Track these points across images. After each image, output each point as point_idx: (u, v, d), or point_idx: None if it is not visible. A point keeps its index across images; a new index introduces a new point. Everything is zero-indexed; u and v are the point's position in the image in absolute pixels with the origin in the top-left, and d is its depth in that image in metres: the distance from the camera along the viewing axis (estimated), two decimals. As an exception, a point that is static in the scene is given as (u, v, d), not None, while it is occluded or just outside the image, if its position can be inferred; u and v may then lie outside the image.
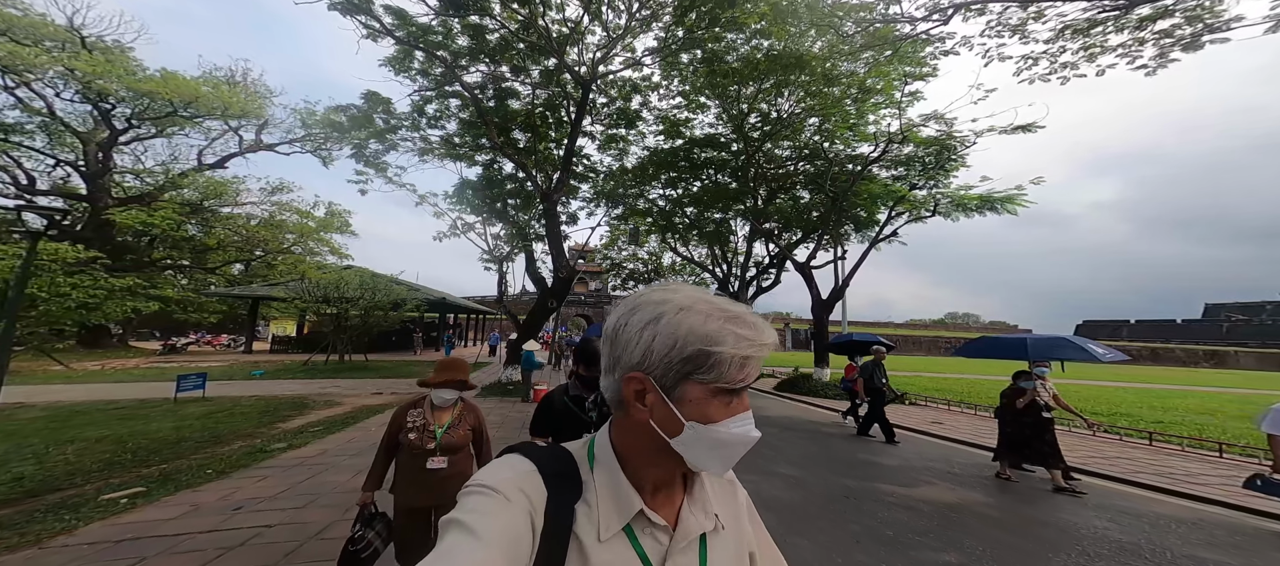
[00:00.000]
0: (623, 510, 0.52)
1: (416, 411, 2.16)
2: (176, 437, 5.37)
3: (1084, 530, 3.75)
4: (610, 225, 22.66)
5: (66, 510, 3.27)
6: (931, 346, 58.44)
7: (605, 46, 12.34)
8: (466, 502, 0.47)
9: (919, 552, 3.23)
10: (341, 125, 14.64)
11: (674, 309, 0.51)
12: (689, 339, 0.49)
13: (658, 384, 0.51)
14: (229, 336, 28.90)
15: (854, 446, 6.63)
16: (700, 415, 0.50)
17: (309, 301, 17.03)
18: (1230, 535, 3.72)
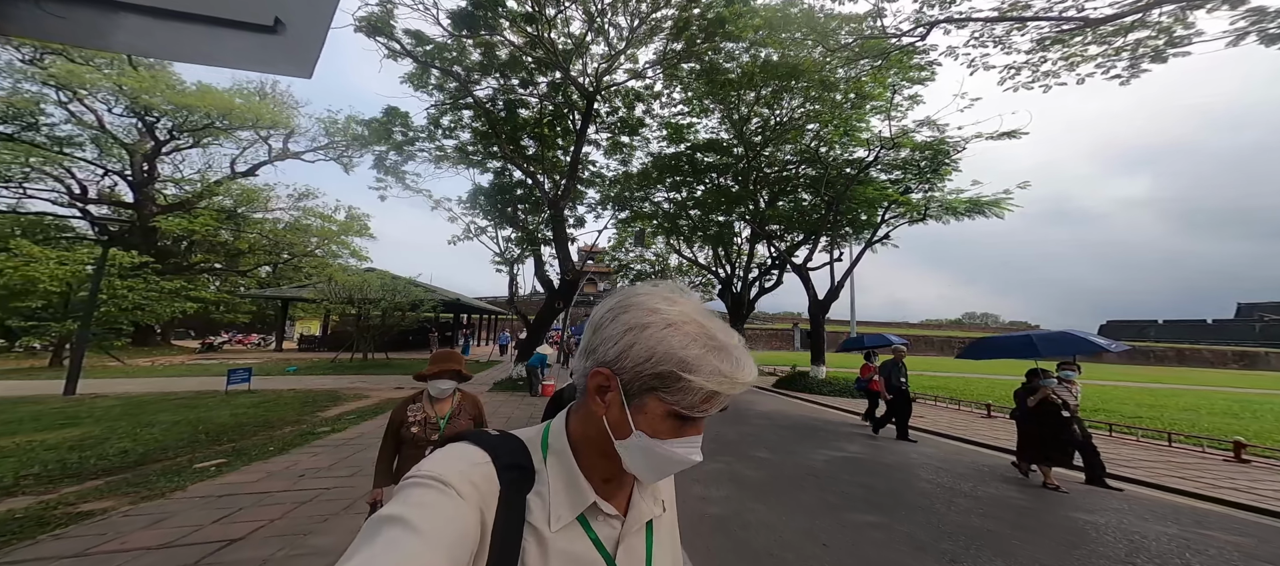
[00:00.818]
0: (575, 502, 0.51)
1: (416, 406, 2.18)
2: (236, 423, 6.24)
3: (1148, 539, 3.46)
4: (618, 227, 23.34)
5: (172, 474, 4.10)
6: (944, 346, 57.74)
7: (608, 59, 13.02)
8: (410, 494, 0.44)
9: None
10: (362, 137, 15.66)
11: (662, 323, 0.50)
12: (666, 357, 0.49)
13: (623, 387, 0.50)
14: (258, 336, 30.56)
15: (882, 449, 6.31)
16: (650, 429, 0.50)
17: (335, 302, 18.16)
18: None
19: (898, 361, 7.16)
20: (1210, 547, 3.40)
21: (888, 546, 3.21)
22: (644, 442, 0.50)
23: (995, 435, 7.38)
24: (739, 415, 8.83)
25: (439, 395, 2.16)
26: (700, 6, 11.39)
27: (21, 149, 19.02)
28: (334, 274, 19.65)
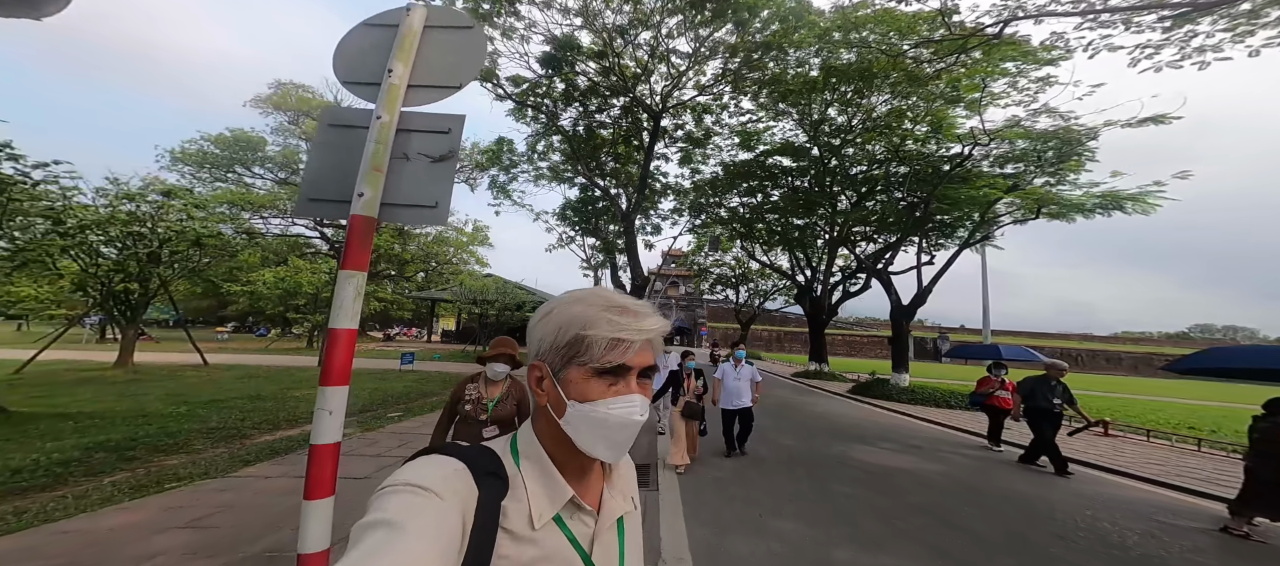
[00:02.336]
0: (555, 498, 0.53)
1: (474, 385, 2.39)
2: (406, 391, 9.03)
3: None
4: (695, 232, 23.78)
5: (378, 420, 6.50)
6: (1141, 365, 42.99)
7: (673, 80, 13.69)
8: (393, 501, 0.44)
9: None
10: (481, 163, 19.32)
11: (568, 302, 0.54)
12: (569, 325, 0.52)
13: (551, 370, 0.53)
14: (416, 329, 39.51)
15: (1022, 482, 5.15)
16: (580, 395, 0.52)
17: (464, 303, 22.79)
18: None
19: (1048, 380, 5.90)
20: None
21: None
22: (579, 410, 0.52)
23: (1185, 472, 5.81)
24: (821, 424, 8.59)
25: (495, 376, 2.34)
26: (751, 32, 11.29)
27: (289, 188, 28.25)
28: (464, 279, 24.55)
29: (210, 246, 10.66)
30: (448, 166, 2.04)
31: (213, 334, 31.08)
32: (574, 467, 0.56)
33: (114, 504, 3.17)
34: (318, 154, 2.10)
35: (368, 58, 2.18)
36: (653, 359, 0.55)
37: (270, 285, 17.90)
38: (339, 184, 1.94)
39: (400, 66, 2.06)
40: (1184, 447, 7.86)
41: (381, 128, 1.95)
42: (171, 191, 10.18)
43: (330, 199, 1.90)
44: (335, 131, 2.10)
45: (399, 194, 1.94)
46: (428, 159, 2.03)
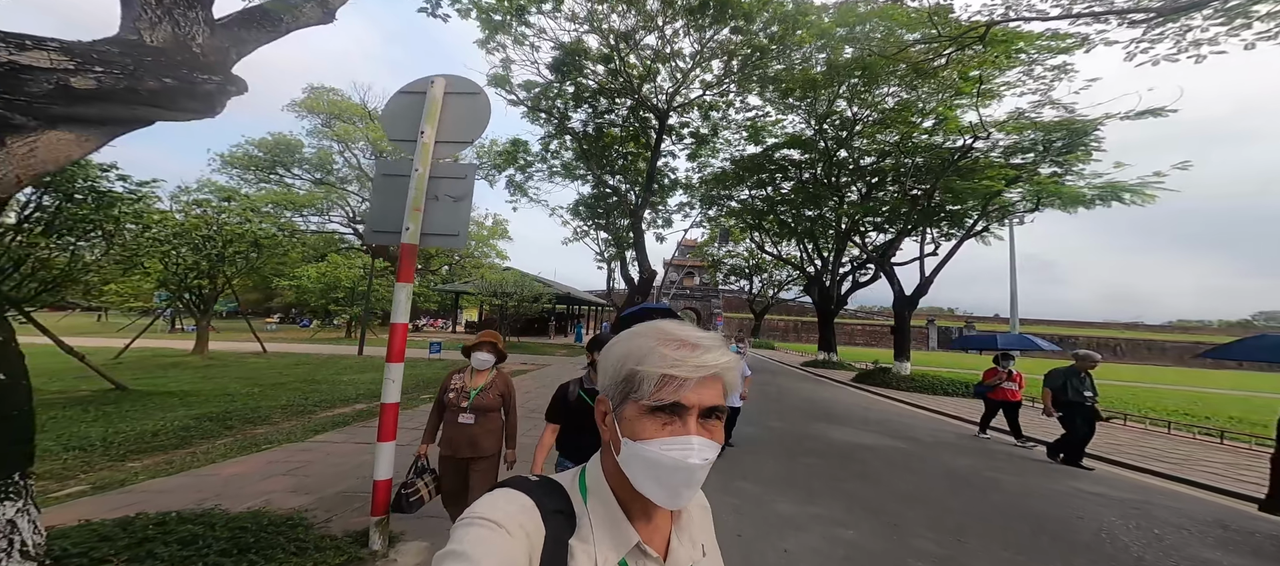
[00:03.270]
0: (619, 544, 0.52)
1: (460, 375, 2.48)
2: (434, 377, 10.09)
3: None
4: (708, 223, 24.15)
5: (412, 401, 7.45)
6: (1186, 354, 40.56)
7: (677, 81, 14.09)
8: (467, 533, 0.47)
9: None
10: (498, 163, 20.30)
11: (628, 337, 0.53)
12: (626, 359, 0.52)
13: (613, 406, 0.53)
14: (441, 320, 41.51)
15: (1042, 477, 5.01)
16: (633, 433, 0.51)
17: (485, 295, 24.10)
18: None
19: (1081, 371, 5.60)
20: None
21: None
22: (632, 449, 0.51)
23: (1212, 470, 5.50)
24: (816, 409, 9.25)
25: (480, 366, 2.46)
26: (752, 32, 11.57)
27: (325, 188, 30.19)
28: (485, 273, 25.88)
29: (267, 246, 12.04)
30: (465, 204, 2.82)
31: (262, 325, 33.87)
32: (639, 508, 0.54)
33: (229, 458, 4.17)
34: (377, 196, 2.91)
35: (406, 120, 2.96)
36: (719, 397, 0.51)
37: (314, 280, 19.62)
38: (392, 220, 2.74)
39: (429, 128, 2.83)
40: (1178, 436, 7.99)
41: (418, 178, 2.74)
42: (231, 196, 11.53)
43: (388, 230, 2.71)
44: (387, 180, 2.90)
45: (432, 226, 2.73)
46: (451, 199, 2.81)
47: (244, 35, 2.64)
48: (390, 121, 2.98)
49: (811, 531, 3.28)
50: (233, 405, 6.21)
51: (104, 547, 2.10)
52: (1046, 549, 3.31)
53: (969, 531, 3.51)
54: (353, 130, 30.07)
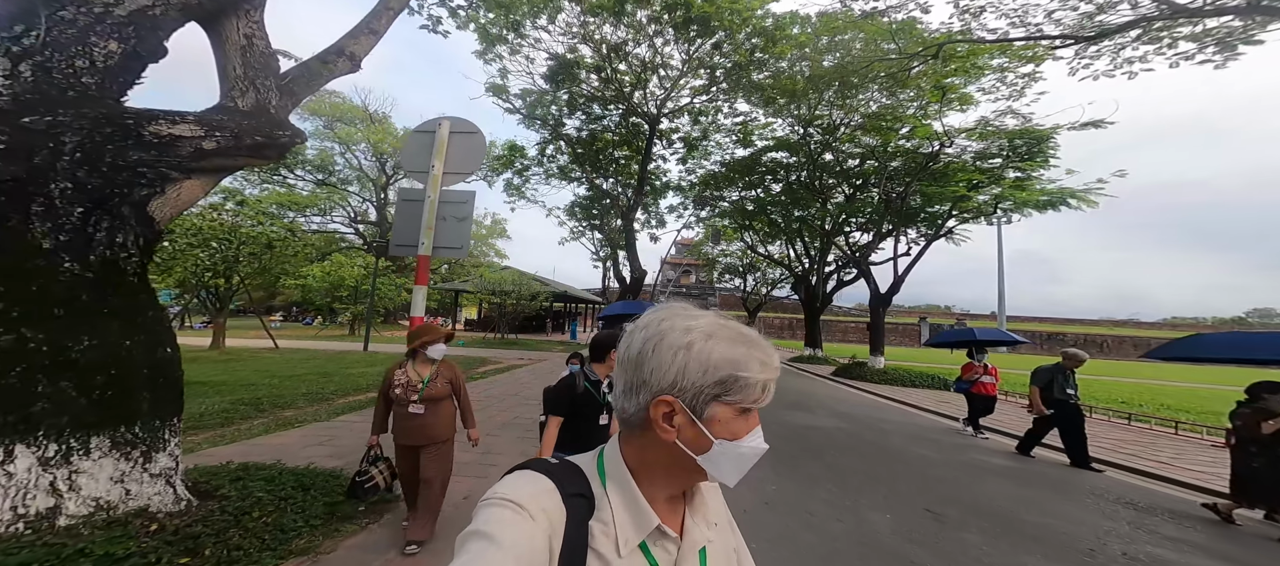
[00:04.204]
0: (640, 525, 0.54)
1: (401, 370, 2.57)
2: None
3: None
4: (703, 223, 24.92)
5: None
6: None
7: (667, 90, 14.88)
8: (490, 514, 0.48)
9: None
10: (496, 167, 21.09)
11: (702, 336, 0.53)
12: (720, 364, 0.52)
13: (687, 406, 0.52)
14: (441, 318, 42.24)
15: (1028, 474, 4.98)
16: (728, 433, 0.52)
17: (484, 294, 24.88)
18: None
19: (1064, 369, 5.52)
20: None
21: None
22: (725, 448, 0.52)
23: (1172, 463, 5.71)
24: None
25: (436, 356, 2.63)
26: (733, 43, 12.37)
27: (327, 189, 30.91)
28: (484, 272, 26.67)
29: (278, 247, 12.82)
30: (467, 223, 3.63)
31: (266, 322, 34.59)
32: (661, 494, 0.56)
33: (270, 434, 4.95)
34: (399, 216, 3.72)
35: (419, 155, 3.76)
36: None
37: (319, 279, 20.39)
38: (411, 235, 3.54)
39: (437, 162, 3.63)
40: (1140, 428, 8.06)
41: (429, 203, 3.55)
42: (245, 201, 12.27)
43: (407, 244, 3.50)
44: (406, 203, 3.71)
45: (440, 240, 3.53)
46: (455, 219, 3.61)
47: (296, 90, 3.43)
48: (407, 156, 3.77)
49: (744, 491, 4.10)
50: (259, 393, 7.00)
51: (212, 479, 2.91)
52: (947, 504, 4.12)
53: (878, 485, 4.33)
54: (354, 132, 30.80)
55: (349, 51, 3.84)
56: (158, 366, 2.34)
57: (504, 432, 5.53)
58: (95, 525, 2.05)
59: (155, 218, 2.38)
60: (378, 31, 4.10)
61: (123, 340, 2.18)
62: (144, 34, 2.51)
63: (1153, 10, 5.98)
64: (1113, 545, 3.31)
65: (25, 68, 2.08)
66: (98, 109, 2.21)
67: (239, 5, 2.99)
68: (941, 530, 3.38)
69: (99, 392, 2.09)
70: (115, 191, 2.18)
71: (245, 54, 2.98)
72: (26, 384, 1.94)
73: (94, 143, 2.12)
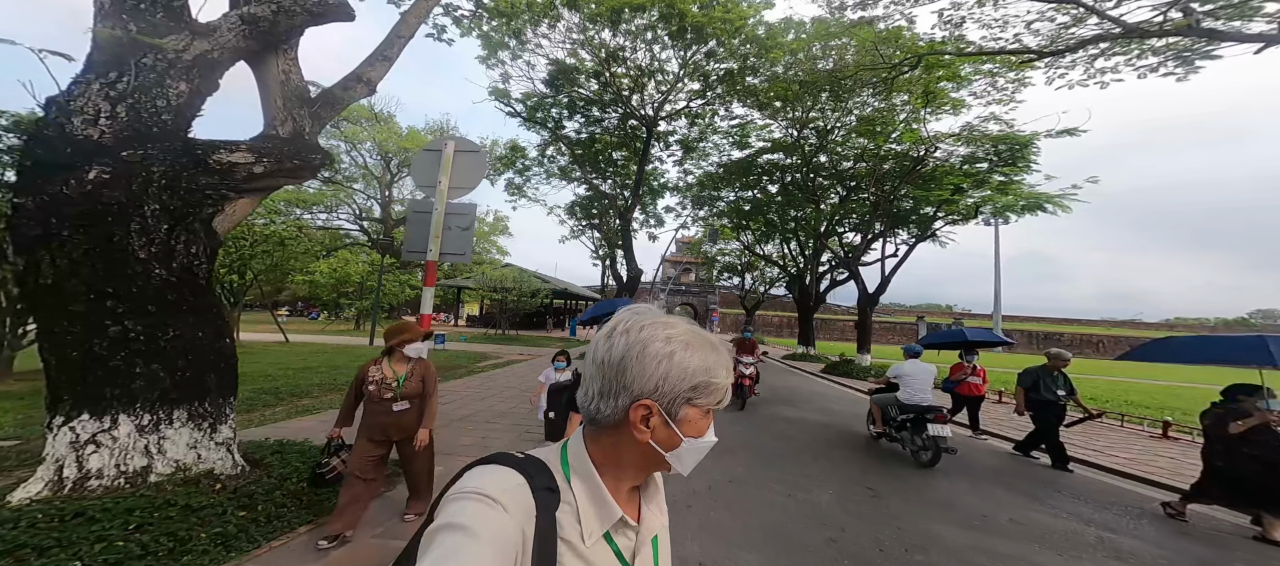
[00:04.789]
0: (604, 517, 0.57)
1: (375, 368, 2.65)
2: (442, 364, 11.51)
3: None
4: (703, 222, 25.36)
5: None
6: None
7: (664, 92, 15.33)
8: (462, 507, 0.49)
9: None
10: (498, 167, 21.62)
11: (681, 345, 0.57)
12: (696, 371, 0.57)
13: (664, 409, 0.56)
14: (444, 314, 42.91)
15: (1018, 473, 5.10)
16: (695, 431, 0.58)
17: (486, 290, 25.46)
18: None
19: (1050, 370, 5.52)
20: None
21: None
22: (691, 444, 0.58)
23: (1152, 464, 5.61)
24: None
25: (415, 354, 2.71)
26: (727, 48, 12.81)
27: (333, 186, 31.50)
28: (485, 270, 27.26)
29: (289, 245, 13.39)
30: (470, 232, 4.15)
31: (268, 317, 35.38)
32: (622, 488, 0.60)
33: (291, 419, 5.50)
34: (410, 227, 4.25)
35: (428, 171, 4.28)
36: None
37: (326, 275, 21.00)
38: (420, 244, 4.05)
39: (444, 178, 4.16)
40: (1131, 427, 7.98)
41: (437, 214, 4.08)
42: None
43: (418, 250, 4.01)
44: (417, 215, 4.24)
45: (446, 247, 4.05)
46: (459, 228, 4.13)
47: (323, 115, 3.95)
48: (417, 171, 4.29)
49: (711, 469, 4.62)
50: (278, 383, 7.56)
51: (257, 451, 3.45)
52: (885, 483, 4.64)
53: (831, 468, 4.84)
54: (360, 131, 31.31)
55: (366, 77, 4.35)
56: (220, 353, 2.88)
57: (500, 421, 6.05)
58: (176, 482, 2.59)
59: (217, 231, 2.92)
60: (390, 58, 4.60)
61: (196, 332, 2.71)
62: (205, 74, 3.03)
63: (1112, 29, 6.38)
64: (1001, 513, 3.83)
65: (121, 109, 2.60)
66: (175, 142, 2.74)
67: (278, 45, 3.51)
68: (875, 501, 3.91)
69: (180, 374, 2.63)
70: (189, 211, 2.71)
71: (284, 87, 3.50)
72: (128, 365, 2.48)
73: (174, 171, 2.65)
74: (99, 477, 2.44)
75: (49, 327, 2.42)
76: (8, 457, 3.45)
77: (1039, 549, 3.23)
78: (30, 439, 3.99)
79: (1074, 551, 3.22)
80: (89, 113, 2.51)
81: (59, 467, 2.42)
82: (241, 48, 3.22)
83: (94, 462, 2.45)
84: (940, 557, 2.99)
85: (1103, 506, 4.20)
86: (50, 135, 2.42)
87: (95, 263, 2.38)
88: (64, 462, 2.43)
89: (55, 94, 2.56)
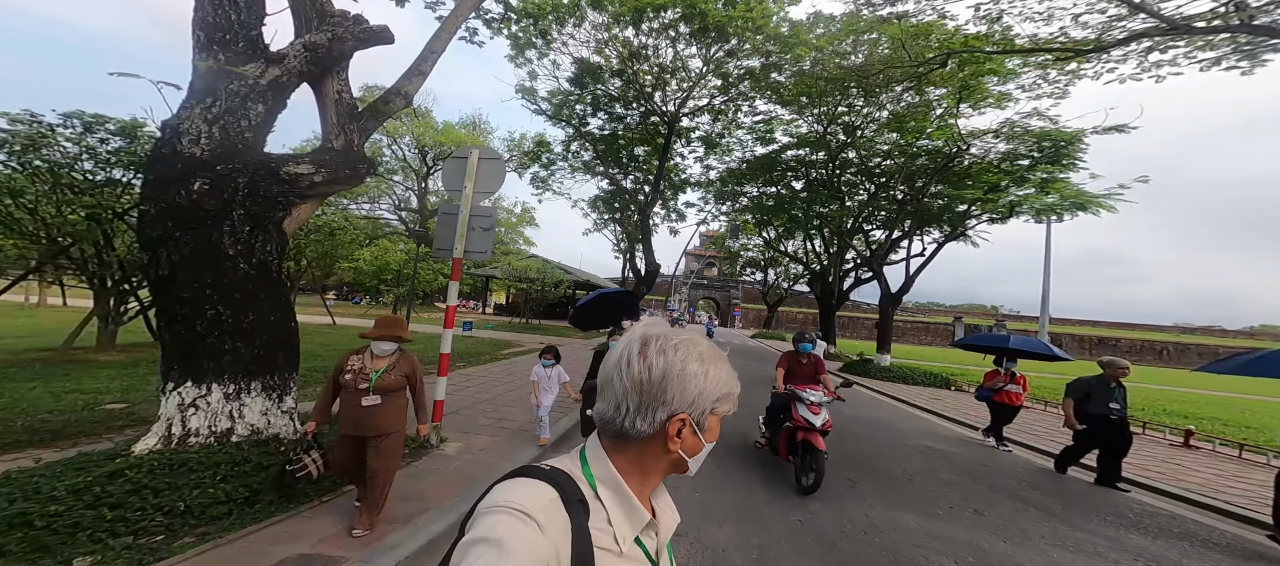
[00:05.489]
0: (635, 522, 0.60)
1: (357, 357, 2.55)
2: (467, 350, 12.35)
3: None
4: (723, 217, 25.27)
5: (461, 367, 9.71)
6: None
7: (686, 89, 15.39)
8: (499, 521, 0.49)
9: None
10: (526, 161, 22.40)
11: (712, 362, 0.63)
12: (721, 384, 0.63)
13: (696, 420, 0.61)
14: (474, 301, 44.88)
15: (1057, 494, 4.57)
16: (712, 437, 0.64)
17: (512, 281, 26.53)
18: None
19: (1109, 380, 4.99)
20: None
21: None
22: (708, 448, 0.65)
23: (1227, 489, 5.01)
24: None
25: (381, 353, 2.54)
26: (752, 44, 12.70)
27: (375, 178, 33.47)
28: (511, 261, 28.36)
29: (338, 234, 14.62)
30: (491, 232, 4.61)
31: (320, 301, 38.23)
32: (645, 493, 0.63)
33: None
34: (440, 227, 4.76)
35: (455, 177, 4.76)
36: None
37: (368, 262, 22.61)
38: (447, 241, 4.55)
39: (469, 184, 4.62)
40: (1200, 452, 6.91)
41: (462, 216, 4.55)
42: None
43: (446, 249, 4.50)
44: (445, 217, 4.75)
45: (470, 246, 4.53)
46: (482, 228, 4.60)
47: (368, 127, 4.49)
48: (446, 176, 4.78)
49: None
50: (327, 363, 8.44)
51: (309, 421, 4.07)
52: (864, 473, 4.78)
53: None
54: (400, 126, 33.01)
55: (404, 92, 4.85)
56: (288, 334, 3.46)
57: (518, 404, 6.57)
58: (250, 443, 3.16)
59: (286, 231, 3.48)
60: (425, 72, 5.09)
61: (269, 316, 3.29)
62: (277, 95, 3.59)
63: (1160, 24, 5.97)
64: (965, 506, 3.93)
65: (216, 129, 3.18)
66: (255, 156, 3.30)
67: (332, 68, 4.04)
68: (851, 490, 4.11)
69: (258, 351, 3.21)
70: (266, 214, 3.27)
71: (337, 105, 4.04)
72: (220, 343, 3.07)
73: (255, 181, 3.21)
74: (196, 435, 3.05)
75: (165, 310, 3.04)
76: (118, 417, 4.21)
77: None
78: (134, 402, 4.81)
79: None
80: (193, 133, 3.09)
81: (169, 425, 3.05)
82: (305, 71, 3.76)
83: (193, 423, 3.06)
84: (896, 538, 3.20)
85: (1169, 537, 3.68)
86: (165, 153, 3.02)
87: (198, 258, 2.97)
88: (172, 421, 3.05)
89: (168, 118, 3.16)
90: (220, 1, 3.34)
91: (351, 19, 3.99)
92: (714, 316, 49.41)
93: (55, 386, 5.09)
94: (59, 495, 2.43)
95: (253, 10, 3.50)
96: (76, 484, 2.51)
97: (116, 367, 6.73)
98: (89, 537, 2.27)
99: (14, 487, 2.47)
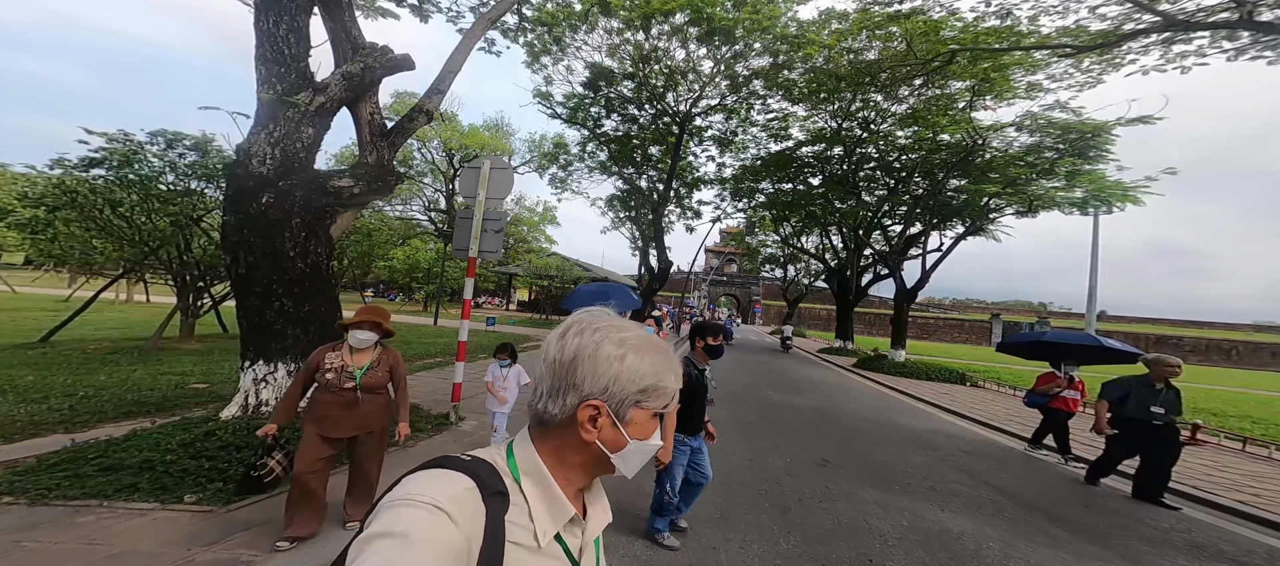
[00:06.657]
0: (557, 517, 0.57)
1: (334, 354, 2.37)
2: (490, 343, 13.21)
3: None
4: (741, 213, 25.25)
5: (470, 357, 10.50)
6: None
7: (697, 90, 15.65)
8: (403, 514, 0.46)
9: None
10: (544, 162, 23.25)
11: (633, 348, 0.58)
12: (646, 374, 0.58)
13: (613, 410, 0.57)
14: (497, 298, 46.59)
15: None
16: (641, 434, 0.59)
17: (533, 278, 27.57)
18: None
19: (1154, 381, 4.41)
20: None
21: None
22: (637, 446, 0.59)
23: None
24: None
25: (358, 345, 2.36)
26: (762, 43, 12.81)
27: (407, 181, 35.39)
28: (532, 259, 29.43)
29: (375, 235, 15.85)
30: (502, 234, 5.19)
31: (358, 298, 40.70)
32: (571, 490, 0.60)
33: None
34: (458, 229, 5.38)
35: (470, 184, 5.36)
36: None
37: (401, 261, 24.14)
38: (464, 242, 5.15)
39: (482, 191, 5.21)
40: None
41: (476, 220, 5.15)
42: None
43: (463, 249, 5.11)
44: (463, 220, 5.35)
45: (484, 246, 5.13)
46: (494, 231, 5.19)
47: (396, 142, 5.14)
48: (462, 184, 5.40)
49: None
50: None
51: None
52: (839, 457, 5.06)
53: (794, 443, 5.33)
54: (428, 131, 34.73)
55: (426, 109, 5.48)
56: (333, 324, 4.14)
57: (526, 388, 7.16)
58: (302, 411, 3.84)
59: (333, 236, 4.16)
60: (443, 91, 5.69)
61: (320, 308, 3.98)
62: (323, 119, 4.26)
63: (1156, 21, 5.78)
64: (919, 481, 4.12)
65: (278, 151, 3.87)
66: (308, 173, 3.98)
67: (365, 94, 4.70)
68: (822, 470, 4.43)
69: (311, 338, 3.90)
70: (317, 222, 3.95)
71: (370, 125, 4.70)
72: (283, 329, 3.77)
73: (308, 194, 3.88)
74: (267, 404, 3.76)
75: (242, 302, 3.77)
76: (202, 394, 5.07)
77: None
78: (212, 384, 5.70)
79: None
80: (260, 155, 3.79)
81: (246, 396, 3.78)
82: (343, 97, 4.42)
83: (264, 394, 3.77)
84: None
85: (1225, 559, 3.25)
86: (240, 173, 3.74)
87: (266, 259, 3.67)
88: (248, 393, 3.78)
89: (240, 142, 3.88)
90: (275, 38, 4.02)
91: (380, 50, 4.63)
92: (736, 314, 49.12)
93: (151, 369, 6.09)
94: (171, 448, 3.15)
95: (300, 44, 4.18)
96: (184, 439, 3.24)
97: (196, 355, 7.75)
98: (193, 480, 2.95)
99: (141, 441, 3.25)
